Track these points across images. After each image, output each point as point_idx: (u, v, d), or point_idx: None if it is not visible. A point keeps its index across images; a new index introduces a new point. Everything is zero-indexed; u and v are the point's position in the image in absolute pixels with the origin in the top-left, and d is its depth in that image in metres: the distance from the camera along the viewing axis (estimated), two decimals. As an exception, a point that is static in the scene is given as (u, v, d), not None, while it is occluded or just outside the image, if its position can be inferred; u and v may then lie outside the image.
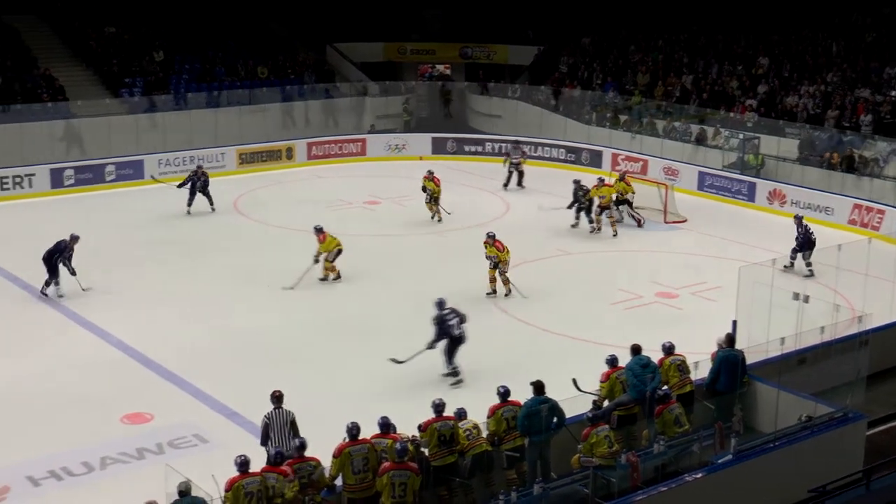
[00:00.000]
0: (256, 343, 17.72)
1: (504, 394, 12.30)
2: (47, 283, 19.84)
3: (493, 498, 10.96)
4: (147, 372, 16.55)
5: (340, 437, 11.16)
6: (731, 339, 13.95)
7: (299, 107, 35.24)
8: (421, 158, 33.60)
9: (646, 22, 39.25)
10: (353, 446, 11.00)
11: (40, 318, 18.99)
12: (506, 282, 20.14)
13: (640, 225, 25.59)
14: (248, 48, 37.13)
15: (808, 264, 21.13)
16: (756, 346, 14.46)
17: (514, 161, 29.81)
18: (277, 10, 40.23)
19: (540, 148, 33.40)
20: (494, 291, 20.18)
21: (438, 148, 34.34)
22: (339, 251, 20.77)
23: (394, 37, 42.42)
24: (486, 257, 20.17)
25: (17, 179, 28.18)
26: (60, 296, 19.83)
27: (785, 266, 21.03)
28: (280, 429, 12.10)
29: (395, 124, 37.50)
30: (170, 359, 16.91)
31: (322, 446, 11.16)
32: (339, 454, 10.99)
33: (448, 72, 44.73)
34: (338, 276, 20.91)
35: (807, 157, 28.90)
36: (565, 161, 32.76)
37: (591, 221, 24.77)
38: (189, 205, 26.17)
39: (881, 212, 25.34)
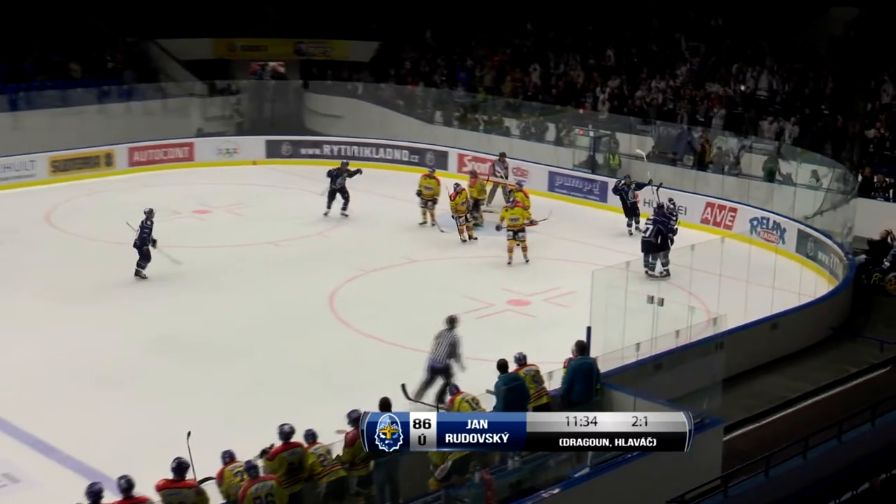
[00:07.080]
0: (75, 369, 17.13)
1: (355, 420, 12.16)
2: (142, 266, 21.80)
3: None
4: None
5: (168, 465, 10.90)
6: (581, 346, 14.11)
7: (118, 108, 34.31)
8: (255, 163, 33.25)
9: (492, 14, 39.63)
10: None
11: None
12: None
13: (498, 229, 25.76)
14: (61, 44, 35.91)
15: (664, 264, 21.83)
16: (612, 353, 14.78)
17: (498, 174, 29.39)
18: (95, 3, 38.97)
19: (381, 150, 33.42)
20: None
21: (273, 151, 33.94)
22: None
23: (223, 32, 41.76)
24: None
25: None
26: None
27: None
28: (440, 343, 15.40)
29: (226, 126, 36.95)
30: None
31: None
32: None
33: (282, 69, 44.31)
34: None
35: (659, 154, 29.75)
36: (409, 163, 32.68)
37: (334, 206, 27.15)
38: None
39: (733, 210, 26.18)
